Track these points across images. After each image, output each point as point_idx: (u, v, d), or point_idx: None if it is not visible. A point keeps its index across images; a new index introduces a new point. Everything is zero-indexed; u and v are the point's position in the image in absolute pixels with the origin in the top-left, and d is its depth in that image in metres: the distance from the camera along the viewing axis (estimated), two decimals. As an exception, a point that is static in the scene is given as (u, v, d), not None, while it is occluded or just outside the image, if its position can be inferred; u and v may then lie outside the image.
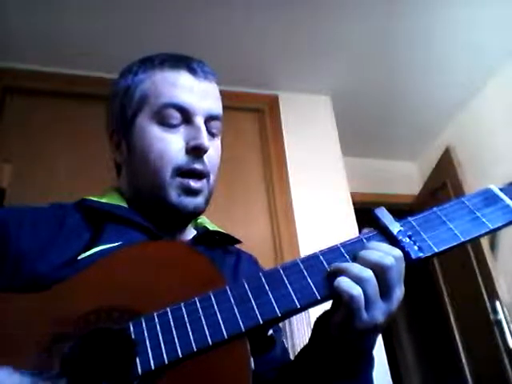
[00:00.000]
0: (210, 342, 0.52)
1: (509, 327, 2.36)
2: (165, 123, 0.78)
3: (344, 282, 0.55)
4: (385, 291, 0.56)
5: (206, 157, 0.78)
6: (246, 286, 0.56)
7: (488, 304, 2.47)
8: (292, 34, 2.49)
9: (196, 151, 0.77)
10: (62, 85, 2.45)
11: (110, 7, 2.22)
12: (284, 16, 2.37)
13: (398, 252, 0.57)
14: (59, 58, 2.43)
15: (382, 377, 2.14)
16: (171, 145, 0.77)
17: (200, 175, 0.78)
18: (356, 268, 0.56)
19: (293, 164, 2.61)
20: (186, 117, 0.78)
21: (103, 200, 0.80)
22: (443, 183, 2.93)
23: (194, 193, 0.78)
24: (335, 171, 2.71)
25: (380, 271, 0.55)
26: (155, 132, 0.78)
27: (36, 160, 2.24)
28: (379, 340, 2.23)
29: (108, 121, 0.87)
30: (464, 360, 2.73)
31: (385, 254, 0.56)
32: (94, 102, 2.46)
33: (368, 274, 0.55)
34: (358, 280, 0.55)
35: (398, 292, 0.57)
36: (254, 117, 2.71)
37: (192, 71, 0.81)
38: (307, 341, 0.68)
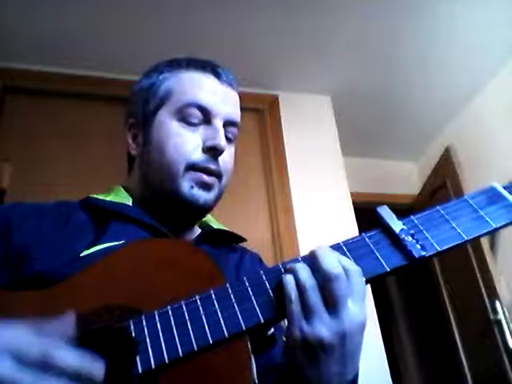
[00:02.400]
0: (211, 341, 0.52)
1: (509, 327, 2.36)
2: (185, 121, 0.79)
3: (288, 283, 0.53)
4: (331, 303, 0.52)
5: (220, 159, 0.80)
6: (247, 283, 0.56)
7: (488, 304, 2.47)
8: (292, 34, 2.49)
9: (212, 151, 0.78)
10: (62, 85, 2.45)
11: (109, 7, 2.22)
12: (284, 16, 2.37)
13: (351, 265, 0.54)
14: (59, 58, 2.43)
15: (382, 377, 2.13)
16: (188, 141, 0.78)
17: (213, 173, 0.79)
18: (300, 270, 0.54)
19: (293, 164, 2.61)
20: (207, 117, 0.80)
21: (108, 198, 0.80)
22: (443, 183, 2.93)
23: (207, 186, 0.79)
24: (335, 171, 2.71)
25: (325, 279, 0.53)
26: (174, 127, 0.79)
27: (36, 160, 2.24)
28: (379, 339, 2.22)
29: (127, 115, 0.88)
30: (464, 360, 2.73)
31: (335, 263, 0.53)
32: (93, 101, 2.47)
33: (310, 281, 0.53)
34: (300, 284, 0.53)
35: (352, 310, 0.52)
36: (254, 117, 2.71)
37: (217, 75, 0.83)
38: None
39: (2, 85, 2.35)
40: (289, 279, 0.54)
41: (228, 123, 0.82)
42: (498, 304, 2.41)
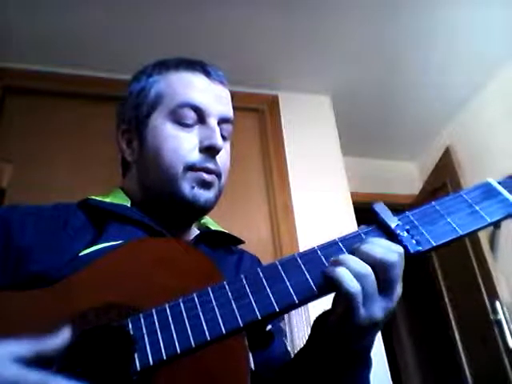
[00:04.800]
0: (209, 338, 0.52)
1: (509, 327, 2.36)
2: (180, 122, 0.79)
3: (342, 276, 0.54)
4: (385, 288, 0.55)
5: (217, 158, 0.80)
6: (244, 281, 0.56)
7: (488, 304, 2.47)
8: (292, 34, 2.49)
9: (210, 150, 0.78)
10: (62, 85, 2.45)
11: (110, 7, 2.22)
12: (284, 16, 2.37)
13: (400, 249, 0.56)
14: (59, 58, 2.43)
15: (382, 377, 2.14)
16: (185, 143, 0.78)
17: (212, 172, 0.79)
18: (355, 262, 0.55)
19: (293, 164, 2.61)
20: (201, 117, 0.80)
21: (107, 199, 0.81)
22: (443, 183, 2.93)
23: (207, 185, 0.79)
24: (335, 171, 2.71)
25: (382, 267, 0.55)
26: (169, 130, 0.79)
27: (36, 160, 2.24)
28: (379, 340, 2.22)
29: (118, 121, 0.87)
30: (464, 360, 2.73)
31: (388, 249, 0.55)
32: (94, 101, 2.47)
33: (367, 269, 0.54)
34: (356, 275, 0.54)
35: (398, 289, 0.56)
36: (254, 117, 2.71)
37: (207, 73, 0.83)
38: (306, 339, 0.68)
39: (2, 85, 2.35)
40: (343, 274, 0.54)
41: (222, 121, 0.82)
42: (497, 304, 2.41)
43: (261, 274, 0.57)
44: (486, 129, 2.92)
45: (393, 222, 0.60)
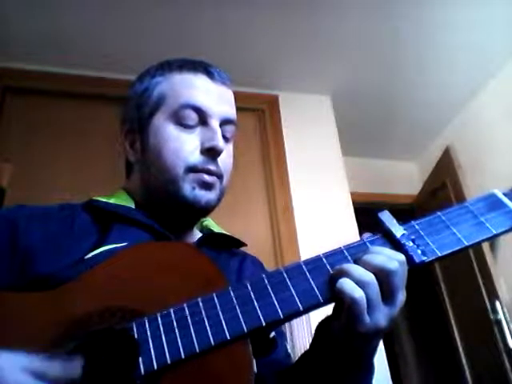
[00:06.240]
0: (213, 343, 0.52)
1: (509, 327, 2.36)
2: (181, 123, 0.79)
3: (346, 284, 0.55)
4: (388, 295, 0.56)
5: (219, 160, 0.79)
6: (249, 287, 0.56)
7: (488, 304, 2.47)
8: (292, 34, 2.49)
9: (211, 152, 0.78)
10: (62, 85, 2.45)
11: (110, 7, 2.22)
12: (284, 16, 2.37)
13: (401, 256, 0.57)
14: (59, 58, 2.43)
15: (382, 377, 2.14)
16: (186, 144, 0.78)
17: (213, 174, 0.79)
18: (358, 270, 0.56)
19: (293, 164, 2.61)
20: (203, 118, 0.79)
21: (111, 200, 0.80)
22: (443, 183, 2.93)
23: (208, 186, 0.78)
24: (335, 171, 2.71)
25: (383, 275, 0.55)
26: (171, 131, 0.79)
27: (36, 160, 2.24)
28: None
29: (122, 122, 0.87)
30: (464, 360, 2.74)
31: (388, 258, 0.56)
32: (93, 102, 2.47)
33: (370, 277, 0.55)
34: (359, 283, 0.55)
35: (401, 296, 0.57)
36: (254, 117, 2.71)
37: (210, 75, 0.82)
38: (307, 344, 0.68)
39: (2, 85, 2.35)
40: (347, 282, 0.55)
41: (224, 122, 0.82)
42: (497, 304, 2.41)
43: (266, 280, 0.57)
44: (486, 129, 2.93)
45: (398, 231, 0.60)
